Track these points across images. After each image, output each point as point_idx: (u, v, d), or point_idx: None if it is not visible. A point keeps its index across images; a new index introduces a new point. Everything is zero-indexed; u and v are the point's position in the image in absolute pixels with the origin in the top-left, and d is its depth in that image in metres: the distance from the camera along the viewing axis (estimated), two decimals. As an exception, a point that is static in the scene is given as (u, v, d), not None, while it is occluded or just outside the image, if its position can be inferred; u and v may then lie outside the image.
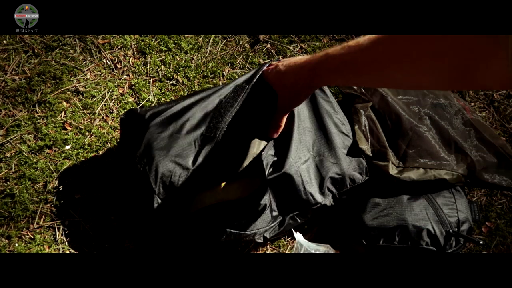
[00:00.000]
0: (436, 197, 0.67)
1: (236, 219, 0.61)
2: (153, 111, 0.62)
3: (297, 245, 0.68)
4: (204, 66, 0.86)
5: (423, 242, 0.64)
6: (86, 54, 0.83)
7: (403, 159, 0.67)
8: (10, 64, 0.79)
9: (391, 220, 0.65)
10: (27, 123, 0.76)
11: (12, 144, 0.75)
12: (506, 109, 0.94)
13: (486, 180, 0.67)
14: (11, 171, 0.73)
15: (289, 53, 0.90)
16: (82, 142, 0.77)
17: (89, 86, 0.81)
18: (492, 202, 0.86)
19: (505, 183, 0.67)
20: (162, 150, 0.59)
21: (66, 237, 0.71)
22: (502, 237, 0.84)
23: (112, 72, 0.83)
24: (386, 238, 0.66)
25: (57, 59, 0.81)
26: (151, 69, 0.84)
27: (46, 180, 0.73)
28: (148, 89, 0.82)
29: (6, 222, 0.71)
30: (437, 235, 0.64)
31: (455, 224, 0.65)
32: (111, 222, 0.73)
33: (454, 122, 0.72)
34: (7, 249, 0.69)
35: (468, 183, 0.68)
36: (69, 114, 0.78)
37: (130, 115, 0.64)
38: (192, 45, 0.87)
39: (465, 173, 0.66)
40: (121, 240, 0.73)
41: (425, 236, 0.64)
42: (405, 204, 0.66)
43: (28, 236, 0.71)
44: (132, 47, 0.85)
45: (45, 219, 0.72)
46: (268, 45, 0.90)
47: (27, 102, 0.78)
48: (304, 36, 0.92)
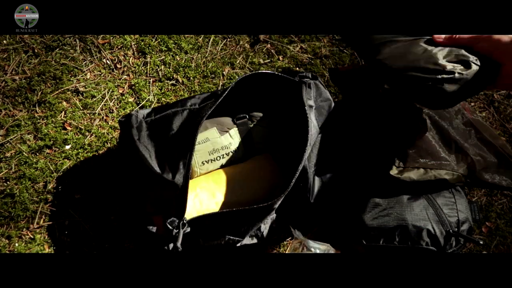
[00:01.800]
0: (436, 197, 0.67)
1: (238, 226, 0.60)
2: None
3: (295, 242, 0.68)
4: (204, 66, 0.86)
5: (423, 242, 0.64)
6: (86, 54, 0.83)
7: (403, 159, 0.66)
8: (10, 64, 0.79)
9: (391, 220, 0.65)
10: (27, 123, 0.76)
11: (12, 144, 0.75)
12: (506, 109, 0.94)
13: (486, 180, 0.67)
14: (11, 171, 0.73)
15: (289, 53, 0.90)
16: (82, 142, 0.77)
17: (89, 86, 0.81)
18: (492, 202, 0.86)
19: (505, 183, 0.67)
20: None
21: (66, 237, 0.71)
22: (502, 237, 0.84)
23: (112, 72, 0.83)
24: (386, 238, 0.66)
25: (57, 59, 0.81)
26: (151, 69, 0.84)
27: (46, 180, 0.73)
28: (148, 89, 0.82)
29: (6, 222, 0.71)
30: (437, 235, 0.64)
31: (455, 224, 0.65)
32: (111, 222, 0.73)
33: (454, 122, 0.72)
34: (7, 249, 0.69)
35: (468, 183, 0.68)
36: (69, 114, 0.78)
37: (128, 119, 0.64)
38: (192, 45, 0.87)
39: (466, 173, 0.66)
40: (121, 240, 0.73)
41: (425, 236, 0.64)
42: (405, 204, 0.66)
43: (28, 236, 0.71)
44: (132, 47, 0.85)
45: (45, 219, 0.72)
46: (268, 45, 0.90)
47: (27, 102, 0.78)
48: (304, 36, 0.92)
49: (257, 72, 0.64)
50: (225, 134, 0.67)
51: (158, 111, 0.65)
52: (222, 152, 0.67)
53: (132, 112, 0.64)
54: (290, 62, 0.90)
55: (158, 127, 0.63)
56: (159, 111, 0.65)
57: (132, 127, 0.62)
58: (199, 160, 0.66)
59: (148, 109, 0.66)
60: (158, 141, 0.62)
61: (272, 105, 0.71)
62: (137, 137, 0.61)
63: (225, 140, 0.66)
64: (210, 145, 0.65)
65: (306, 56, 0.91)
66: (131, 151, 0.61)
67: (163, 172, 0.58)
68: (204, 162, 0.66)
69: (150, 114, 0.65)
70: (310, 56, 0.91)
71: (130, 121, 0.63)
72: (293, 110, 0.67)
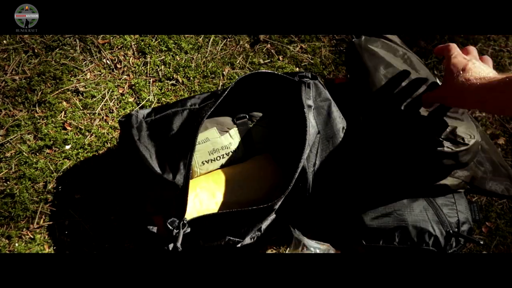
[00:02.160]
0: (435, 198, 0.67)
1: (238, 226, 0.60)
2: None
3: (295, 241, 0.68)
4: (204, 66, 0.86)
5: (423, 243, 0.64)
6: (86, 54, 0.83)
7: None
8: (10, 64, 0.79)
9: (391, 221, 0.65)
10: (27, 123, 0.76)
11: (12, 144, 0.75)
12: (506, 109, 0.94)
13: (483, 188, 0.68)
14: (11, 171, 0.73)
15: (289, 53, 0.90)
16: (82, 142, 0.77)
17: (89, 86, 0.81)
18: (492, 202, 0.86)
19: (500, 190, 0.68)
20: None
21: (66, 237, 0.71)
22: (502, 237, 0.84)
23: (112, 72, 0.83)
24: (386, 239, 0.66)
25: (57, 59, 0.81)
26: (151, 69, 0.84)
27: (46, 180, 0.73)
28: (148, 89, 0.82)
29: (6, 222, 0.71)
30: (437, 236, 0.64)
31: (455, 224, 0.65)
32: (111, 222, 0.73)
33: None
34: (7, 249, 0.69)
35: (468, 190, 0.68)
36: (69, 114, 0.78)
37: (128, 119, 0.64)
38: (192, 45, 0.87)
39: (468, 180, 0.67)
40: (121, 240, 0.73)
41: (425, 236, 0.64)
42: (405, 204, 0.66)
43: (28, 236, 0.71)
44: (132, 47, 0.85)
45: (45, 219, 0.72)
46: (268, 45, 0.90)
47: (27, 102, 0.78)
48: (304, 36, 0.92)
49: (257, 71, 0.64)
50: (225, 134, 0.67)
51: (158, 111, 0.65)
52: (222, 152, 0.67)
53: (132, 112, 0.64)
54: (290, 62, 0.90)
55: (158, 127, 0.63)
56: (159, 111, 0.65)
57: (132, 127, 0.62)
58: (199, 160, 0.65)
59: (148, 109, 0.66)
60: (159, 141, 0.62)
61: (272, 105, 0.71)
62: (137, 137, 0.61)
63: (225, 140, 0.66)
64: (210, 145, 0.65)
65: (306, 56, 0.91)
66: (131, 151, 0.61)
67: (164, 172, 0.58)
68: (204, 162, 0.66)
69: (150, 114, 0.65)
70: (310, 56, 0.91)
71: (130, 121, 0.63)
72: (293, 110, 0.67)
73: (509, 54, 1.00)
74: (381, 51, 0.67)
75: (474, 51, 0.56)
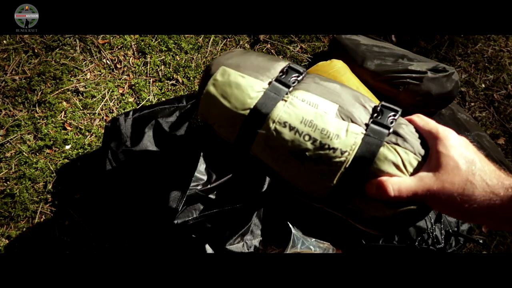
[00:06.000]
0: (436, 197, 0.67)
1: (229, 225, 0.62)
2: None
3: (294, 238, 0.68)
4: (204, 66, 0.86)
5: (422, 242, 0.64)
6: (86, 54, 0.83)
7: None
8: (10, 64, 0.79)
9: (391, 220, 0.65)
10: (27, 123, 0.76)
11: (12, 144, 0.75)
12: (506, 109, 0.94)
13: None
14: (11, 171, 0.73)
15: (289, 53, 0.90)
16: (82, 142, 0.77)
17: (89, 86, 0.81)
18: (492, 202, 0.86)
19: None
20: None
21: (66, 237, 0.71)
22: (502, 237, 0.83)
23: (112, 72, 0.83)
24: (385, 238, 0.66)
25: (57, 59, 0.81)
26: (151, 69, 0.84)
27: (46, 180, 0.73)
28: (148, 89, 0.82)
29: (6, 222, 0.71)
30: (436, 235, 0.64)
31: (455, 223, 0.65)
32: (111, 222, 0.73)
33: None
34: (7, 249, 0.69)
35: None
36: (69, 114, 0.78)
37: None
38: (192, 45, 0.87)
39: None
40: (121, 240, 0.73)
41: (424, 236, 0.64)
42: (405, 204, 0.66)
43: (28, 236, 0.71)
44: (132, 47, 0.85)
45: (45, 219, 0.72)
46: (268, 45, 0.90)
47: (27, 102, 0.78)
48: (304, 36, 0.92)
49: None
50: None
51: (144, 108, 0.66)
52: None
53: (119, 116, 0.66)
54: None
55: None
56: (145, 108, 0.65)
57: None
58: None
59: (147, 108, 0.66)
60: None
61: None
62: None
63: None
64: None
65: (306, 56, 0.91)
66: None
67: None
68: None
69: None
70: (310, 56, 0.91)
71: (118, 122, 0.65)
72: None
73: (509, 54, 1.00)
74: (362, 39, 0.83)
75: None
